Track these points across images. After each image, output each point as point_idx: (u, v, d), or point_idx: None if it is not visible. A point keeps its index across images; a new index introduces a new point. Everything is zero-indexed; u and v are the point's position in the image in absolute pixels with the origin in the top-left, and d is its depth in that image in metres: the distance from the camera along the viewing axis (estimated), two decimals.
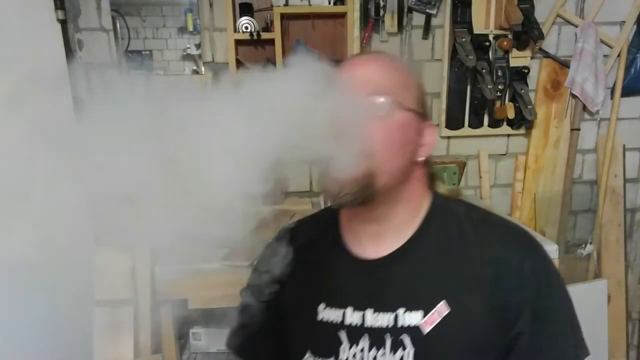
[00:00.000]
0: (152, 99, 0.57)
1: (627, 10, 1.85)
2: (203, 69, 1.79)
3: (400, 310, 0.73)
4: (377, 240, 0.77)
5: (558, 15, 1.83)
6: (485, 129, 1.91)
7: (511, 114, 1.80)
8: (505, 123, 1.90)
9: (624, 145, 1.97)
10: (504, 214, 1.91)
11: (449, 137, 1.92)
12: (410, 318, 0.72)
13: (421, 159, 0.75)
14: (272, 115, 0.57)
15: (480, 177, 1.96)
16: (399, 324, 0.72)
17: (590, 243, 1.97)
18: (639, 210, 2.06)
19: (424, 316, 0.72)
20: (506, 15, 1.73)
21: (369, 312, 0.75)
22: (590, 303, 1.85)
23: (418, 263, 0.75)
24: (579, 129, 1.91)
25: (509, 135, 1.94)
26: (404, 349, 0.72)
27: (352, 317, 0.76)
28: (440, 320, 0.71)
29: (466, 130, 1.90)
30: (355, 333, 0.75)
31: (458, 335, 0.71)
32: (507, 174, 1.98)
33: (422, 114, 0.75)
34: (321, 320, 0.78)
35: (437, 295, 0.72)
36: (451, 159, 1.90)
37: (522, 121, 1.87)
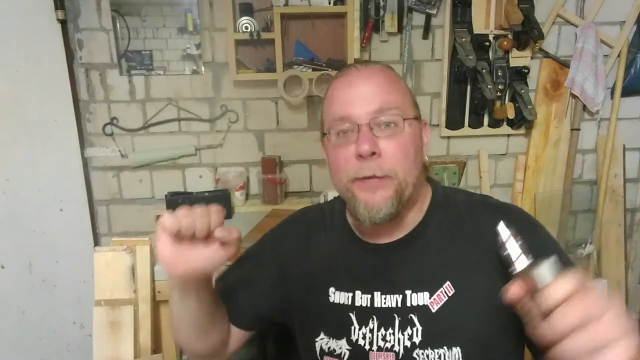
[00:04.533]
0: None
1: (627, 10, 1.85)
2: (203, 69, 1.79)
3: (408, 292, 0.76)
4: (385, 233, 0.81)
5: (558, 15, 1.83)
6: (485, 129, 1.91)
7: (511, 114, 1.80)
8: (505, 123, 1.90)
9: (624, 145, 1.97)
10: None
11: (449, 137, 1.92)
12: (418, 298, 0.75)
13: (426, 158, 0.81)
14: None
15: (480, 177, 1.96)
16: (407, 304, 0.76)
17: (590, 243, 1.97)
18: (639, 210, 2.06)
19: (430, 297, 0.75)
20: (506, 15, 1.73)
21: (377, 294, 0.78)
22: None
23: (423, 249, 0.78)
24: (579, 129, 1.91)
25: (509, 135, 1.94)
26: (413, 326, 0.75)
27: (361, 299, 0.79)
28: (447, 300, 0.74)
29: (466, 130, 1.90)
30: (364, 314, 0.78)
31: (464, 314, 0.73)
32: (507, 174, 1.99)
33: (418, 116, 0.80)
34: (333, 302, 0.81)
35: (442, 277, 0.75)
36: (451, 159, 1.90)
37: (522, 121, 1.87)
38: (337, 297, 0.81)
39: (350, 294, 0.80)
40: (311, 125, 1.87)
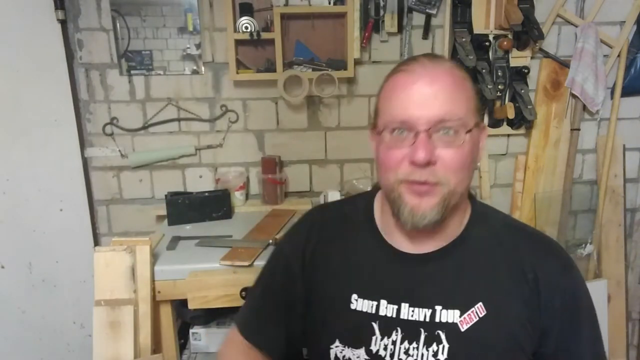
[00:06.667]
0: None
1: (627, 10, 1.85)
2: (203, 69, 1.79)
3: (438, 307, 0.74)
4: (420, 242, 0.78)
5: (558, 15, 1.83)
6: None
7: (511, 114, 1.80)
8: (505, 123, 1.90)
9: (624, 145, 1.97)
10: None
11: None
12: (448, 315, 0.73)
13: (478, 164, 0.78)
14: None
15: (480, 177, 1.96)
16: (436, 320, 0.74)
17: (590, 243, 1.97)
18: (639, 210, 2.06)
19: (461, 315, 0.73)
20: (506, 15, 1.73)
21: (404, 306, 0.75)
22: None
23: (458, 264, 0.76)
24: (579, 129, 1.91)
25: (509, 135, 1.94)
26: (439, 343, 0.73)
27: (387, 309, 0.76)
28: (477, 321, 0.73)
29: None
30: (389, 325, 0.76)
31: (493, 337, 0.72)
32: (507, 174, 1.98)
33: (479, 121, 0.75)
34: (355, 309, 0.78)
35: (475, 296, 0.74)
36: None
37: (522, 121, 1.87)
38: (360, 304, 0.78)
39: (375, 303, 0.77)
40: (311, 125, 1.87)
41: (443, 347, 0.72)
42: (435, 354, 0.72)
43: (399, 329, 0.75)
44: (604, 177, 1.94)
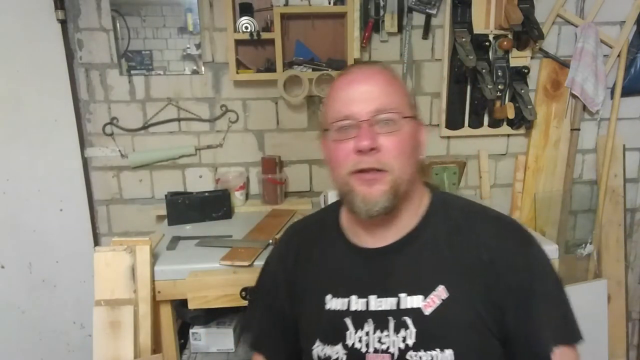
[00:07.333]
0: None
1: (627, 10, 1.85)
2: (203, 69, 1.79)
3: (402, 295, 0.78)
4: (380, 236, 0.83)
5: (558, 15, 1.83)
6: (485, 129, 1.91)
7: (511, 114, 1.80)
8: (505, 123, 1.90)
9: (624, 145, 1.97)
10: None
11: (449, 137, 1.92)
12: (412, 301, 0.77)
13: (422, 157, 0.83)
14: None
15: (480, 177, 1.96)
16: (401, 307, 0.77)
17: (590, 243, 1.97)
18: (639, 210, 2.06)
19: (424, 299, 0.77)
20: (506, 15, 1.73)
21: (372, 298, 0.80)
22: (590, 303, 1.85)
23: (418, 252, 0.80)
24: (579, 129, 1.91)
25: (509, 135, 1.94)
26: (407, 329, 0.76)
27: (357, 304, 0.81)
28: (440, 304, 0.76)
29: (466, 130, 1.90)
30: (360, 318, 0.80)
31: (457, 318, 0.75)
32: (507, 174, 1.98)
33: (416, 115, 0.83)
34: (329, 309, 0.83)
35: (436, 280, 0.77)
36: (451, 159, 1.90)
37: (522, 121, 1.87)
38: (334, 304, 0.83)
39: (346, 300, 0.82)
40: (311, 125, 1.87)
41: (410, 331, 0.76)
42: (404, 339, 0.76)
43: (370, 320, 0.79)
44: (604, 177, 1.94)
